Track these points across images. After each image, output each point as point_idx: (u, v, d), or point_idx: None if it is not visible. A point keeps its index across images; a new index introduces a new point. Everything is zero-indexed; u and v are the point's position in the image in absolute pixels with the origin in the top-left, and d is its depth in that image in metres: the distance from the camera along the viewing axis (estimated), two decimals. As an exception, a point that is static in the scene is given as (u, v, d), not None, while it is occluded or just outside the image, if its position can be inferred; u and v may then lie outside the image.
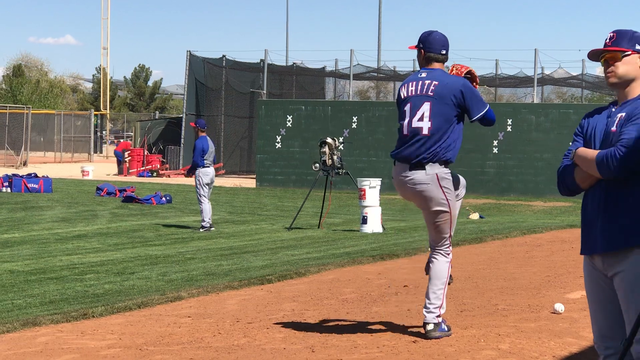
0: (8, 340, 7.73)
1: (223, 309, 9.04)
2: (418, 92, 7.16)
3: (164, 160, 43.26)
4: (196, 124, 18.80)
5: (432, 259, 7.41)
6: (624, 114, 4.58)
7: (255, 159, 35.69)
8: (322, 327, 8.04)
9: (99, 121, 65.51)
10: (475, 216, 22.59)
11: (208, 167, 18.32)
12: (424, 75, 7.22)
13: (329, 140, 19.14)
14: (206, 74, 42.69)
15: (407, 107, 7.19)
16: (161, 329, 8.02)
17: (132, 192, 27.20)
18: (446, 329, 7.36)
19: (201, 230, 18.24)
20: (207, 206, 18.28)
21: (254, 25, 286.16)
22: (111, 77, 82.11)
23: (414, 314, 8.47)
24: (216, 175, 19.06)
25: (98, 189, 28.42)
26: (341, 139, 19.28)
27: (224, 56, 43.19)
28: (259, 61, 44.26)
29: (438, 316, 7.31)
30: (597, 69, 60.74)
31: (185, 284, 10.97)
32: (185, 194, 28.53)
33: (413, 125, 7.13)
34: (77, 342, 7.59)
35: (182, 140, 41.48)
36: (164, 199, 25.64)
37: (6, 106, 53.62)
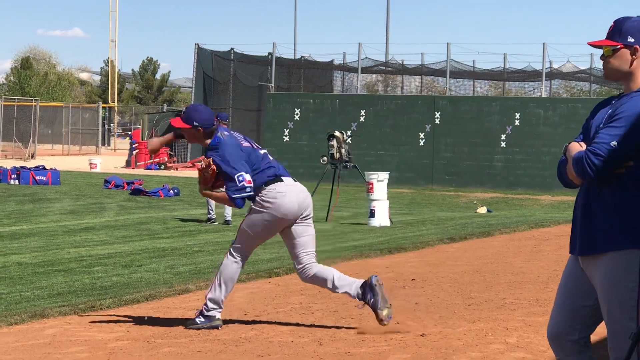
0: (16, 332, 7.75)
1: (231, 302, 9.04)
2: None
3: (172, 153, 43.29)
4: (217, 117, 18.67)
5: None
6: (610, 111, 4.36)
7: (263, 152, 35.65)
8: (329, 320, 8.05)
9: (106, 114, 65.49)
10: (483, 210, 22.59)
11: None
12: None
13: (337, 133, 19.15)
14: (214, 67, 42.71)
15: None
16: (169, 322, 8.04)
17: (140, 184, 27.23)
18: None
19: (208, 223, 18.26)
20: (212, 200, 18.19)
21: (262, 18, 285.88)
22: (119, 70, 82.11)
23: (421, 307, 8.48)
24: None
25: (106, 181, 28.44)
26: (349, 133, 19.27)
27: (232, 49, 43.20)
28: (267, 54, 44.24)
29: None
30: (605, 63, 60.45)
31: (193, 276, 10.97)
32: (193, 186, 28.51)
33: None
34: (85, 334, 7.61)
35: (190, 133, 41.46)
36: (171, 191, 25.67)
37: (14, 98, 53.74)
